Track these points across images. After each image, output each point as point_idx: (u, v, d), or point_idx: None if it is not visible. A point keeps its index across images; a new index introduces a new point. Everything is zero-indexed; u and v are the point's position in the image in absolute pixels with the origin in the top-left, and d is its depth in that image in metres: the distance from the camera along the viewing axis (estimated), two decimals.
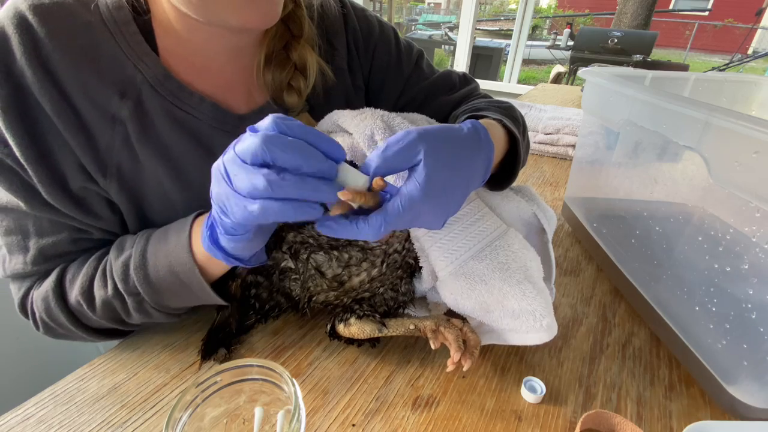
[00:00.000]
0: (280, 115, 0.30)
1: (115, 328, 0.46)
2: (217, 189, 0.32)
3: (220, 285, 0.44)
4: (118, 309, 0.42)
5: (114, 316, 0.43)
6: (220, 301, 0.43)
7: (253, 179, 0.28)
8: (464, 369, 0.39)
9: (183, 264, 0.40)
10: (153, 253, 0.41)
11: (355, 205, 0.32)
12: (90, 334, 0.46)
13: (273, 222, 0.35)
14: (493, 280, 0.42)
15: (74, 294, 0.42)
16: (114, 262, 0.41)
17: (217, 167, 0.32)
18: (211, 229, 0.36)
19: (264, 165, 0.29)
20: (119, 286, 0.41)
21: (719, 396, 0.42)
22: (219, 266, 0.41)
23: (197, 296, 0.42)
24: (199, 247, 0.39)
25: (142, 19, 0.43)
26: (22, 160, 0.38)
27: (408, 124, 0.45)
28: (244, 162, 0.29)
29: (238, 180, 0.29)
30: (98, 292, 0.42)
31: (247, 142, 0.29)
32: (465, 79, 0.65)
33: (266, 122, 0.30)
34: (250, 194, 0.29)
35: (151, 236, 0.42)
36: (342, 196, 0.30)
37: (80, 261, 0.44)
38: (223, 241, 0.35)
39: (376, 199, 0.32)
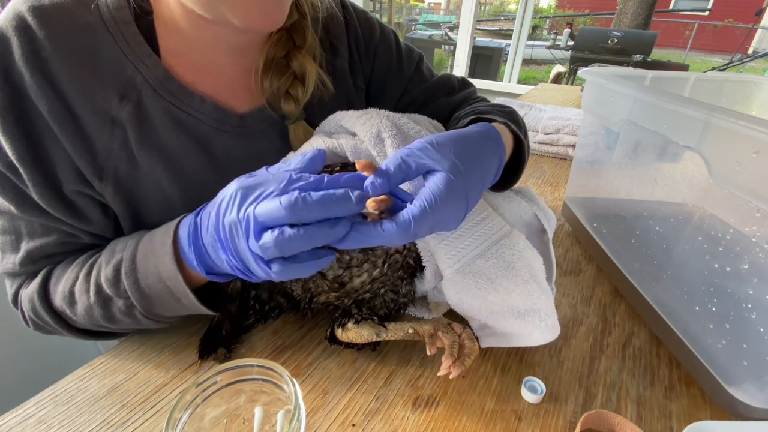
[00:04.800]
0: (296, 176, 0.31)
1: (102, 331, 0.45)
2: (236, 245, 0.32)
3: (219, 286, 0.44)
4: (98, 316, 0.41)
5: (95, 322, 0.42)
6: (206, 312, 0.42)
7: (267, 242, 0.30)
8: (450, 377, 0.39)
9: (169, 271, 0.38)
10: (142, 258, 0.40)
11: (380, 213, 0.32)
12: (77, 334, 0.45)
13: None
14: (499, 279, 0.42)
15: (58, 298, 0.42)
16: (105, 267, 0.40)
17: (236, 222, 0.32)
18: (197, 251, 0.37)
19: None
20: (109, 290, 0.40)
21: (719, 396, 0.42)
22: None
23: (184, 305, 0.40)
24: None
25: (144, 19, 0.43)
26: (16, 163, 0.38)
27: (413, 124, 0.45)
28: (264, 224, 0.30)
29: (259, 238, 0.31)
30: (80, 298, 0.41)
31: (271, 207, 0.30)
32: (464, 83, 0.66)
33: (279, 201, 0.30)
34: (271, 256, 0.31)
35: (141, 240, 0.41)
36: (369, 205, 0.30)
37: (65, 264, 0.44)
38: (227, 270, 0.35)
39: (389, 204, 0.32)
